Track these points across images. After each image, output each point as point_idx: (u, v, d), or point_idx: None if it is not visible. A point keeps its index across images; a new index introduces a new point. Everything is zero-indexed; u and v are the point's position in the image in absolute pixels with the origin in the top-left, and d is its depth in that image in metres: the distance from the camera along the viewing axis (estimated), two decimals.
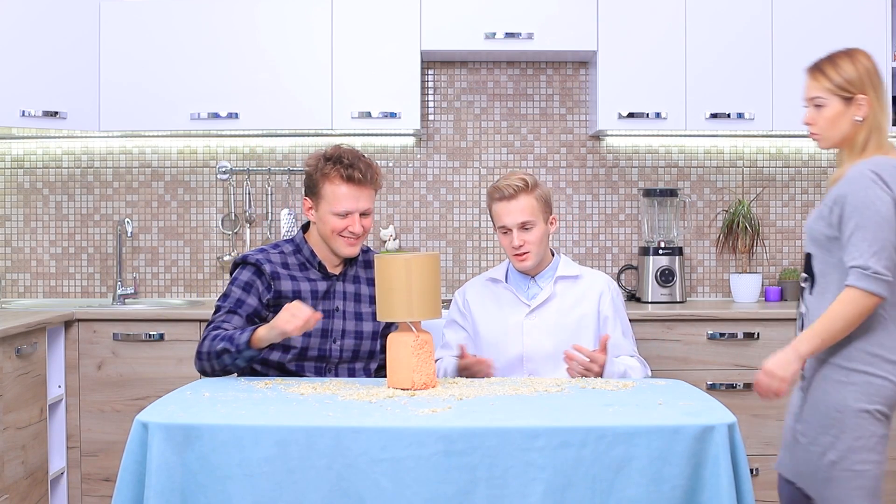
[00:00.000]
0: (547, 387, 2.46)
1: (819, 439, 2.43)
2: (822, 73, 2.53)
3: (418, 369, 2.41)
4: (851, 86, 2.49)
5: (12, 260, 4.35)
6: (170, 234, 4.35)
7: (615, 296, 2.97)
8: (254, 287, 2.77)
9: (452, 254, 4.33)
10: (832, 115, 2.51)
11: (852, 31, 3.95)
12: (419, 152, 4.34)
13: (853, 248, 2.38)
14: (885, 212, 2.37)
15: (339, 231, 2.78)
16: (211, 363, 2.68)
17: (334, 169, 2.75)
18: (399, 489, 2.01)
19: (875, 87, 2.51)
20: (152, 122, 4.04)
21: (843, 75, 2.50)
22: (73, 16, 3.96)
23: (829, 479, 2.41)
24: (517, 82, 4.33)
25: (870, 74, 2.51)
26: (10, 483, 3.32)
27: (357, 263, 2.91)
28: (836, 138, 2.53)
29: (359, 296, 2.88)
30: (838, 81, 2.50)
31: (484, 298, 3.00)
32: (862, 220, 2.38)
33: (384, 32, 4.00)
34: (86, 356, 3.78)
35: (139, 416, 2.11)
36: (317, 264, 2.83)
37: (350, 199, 2.75)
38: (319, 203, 2.78)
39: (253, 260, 2.79)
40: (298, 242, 2.86)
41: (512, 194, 2.86)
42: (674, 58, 3.98)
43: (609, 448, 2.02)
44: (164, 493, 2.04)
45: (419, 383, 2.41)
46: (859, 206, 2.38)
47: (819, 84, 2.53)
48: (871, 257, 2.35)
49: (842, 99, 2.50)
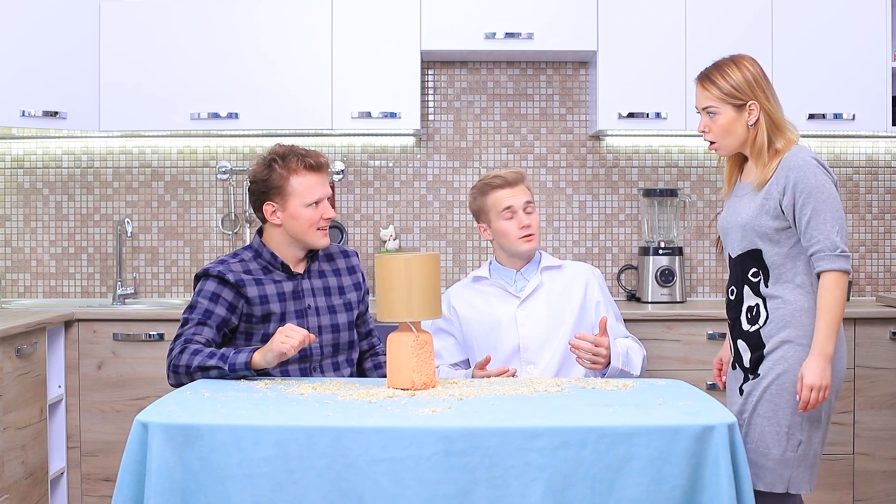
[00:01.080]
0: (547, 387, 2.46)
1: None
2: (710, 82, 2.61)
3: (418, 369, 2.42)
4: (741, 92, 2.57)
5: (12, 260, 4.35)
6: (170, 234, 4.35)
7: (601, 281, 3.09)
8: (221, 297, 2.75)
9: (452, 254, 4.33)
10: (726, 123, 2.59)
11: (852, 31, 3.95)
12: (419, 152, 4.34)
13: (816, 232, 2.47)
14: (834, 194, 2.50)
15: (314, 222, 2.79)
16: (191, 377, 2.63)
17: (297, 161, 2.78)
18: (399, 489, 2.01)
19: (764, 90, 2.59)
20: (152, 122, 4.04)
21: (730, 83, 2.57)
22: (73, 16, 3.96)
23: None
24: (517, 82, 4.33)
25: (756, 79, 2.59)
26: (10, 483, 3.32)
27: (319, 258, 2.92)
28: (733, 145, 2.62)
29: (328, 289, 2.89)
30: (727, 89, 2.57)
31: (470, 299, 3.05)
32: (818, 205, 2.47)
33: (384, 32, 4.00)
34: (86, 356, 3.78)
35: (139, 416, 2.11)
36: (279, 265, 2.83)
37: (318, 186, 2.79)
38: (287, 201, 2.78)
39: (215, 272, 2.76)
40: (257, 247, 2.85)
41: (515, 180, 3.01)
42: (674, 58, 3.98)
43: (609, 448, 2.02)
44: (164, 493, 2.04)
45: (419, 383, 2.41)
46: (813, 192, 2.48)
47: (709, 93, 2.60)
48: (836, 237, 2.46)
49: (734, 106, 2.58)
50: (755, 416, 2.55)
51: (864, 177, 4.33)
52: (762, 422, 2.54)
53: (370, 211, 4.33)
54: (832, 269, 2.45)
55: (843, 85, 3.97)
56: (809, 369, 2.44)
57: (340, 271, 2.94)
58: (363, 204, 4.33)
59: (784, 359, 2.53)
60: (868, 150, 4.32)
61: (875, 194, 4.33)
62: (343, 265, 2.95)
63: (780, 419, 2.52)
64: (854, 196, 4.33)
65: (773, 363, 2.54)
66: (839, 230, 2.47)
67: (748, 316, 2.59)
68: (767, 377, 2.54)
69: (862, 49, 3.96)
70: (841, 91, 3.97)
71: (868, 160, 4.33)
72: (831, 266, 2.45)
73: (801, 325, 2.54)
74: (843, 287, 2.46)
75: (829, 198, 2.48)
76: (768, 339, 2.55)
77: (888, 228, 4.34)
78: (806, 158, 2.52)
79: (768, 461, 2.53)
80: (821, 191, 2.48)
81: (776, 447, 2.52)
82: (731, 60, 2.63)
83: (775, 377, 2.53)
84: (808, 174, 2.49)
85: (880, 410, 3.76)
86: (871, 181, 4.33)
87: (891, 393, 3.76)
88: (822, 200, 2.47)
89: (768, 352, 2.55)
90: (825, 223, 2.46)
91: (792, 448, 2.52)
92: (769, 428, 2.53)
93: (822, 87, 3.97)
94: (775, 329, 2.55)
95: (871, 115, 3.97)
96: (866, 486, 3.77)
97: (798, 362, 2.52)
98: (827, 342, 2.45)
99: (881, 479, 3.78)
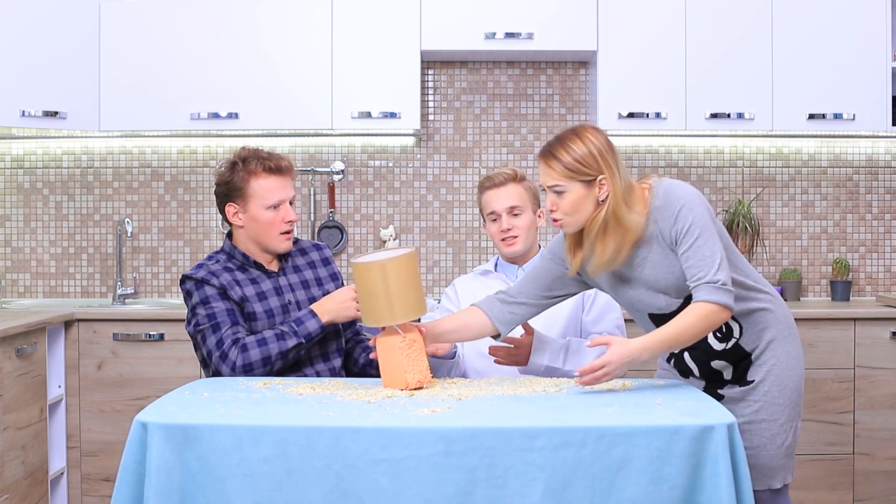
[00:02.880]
0: (545, 387, 2.46)
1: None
2: (555, 159, 2.41)
3: (410, 369, 2.41)
4: (588, 167, 2.39)
5: (12, 260, 4.35)
6: (170, 234, 4.35)
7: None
8: (220, 294, 2.76)
9: (452, 254, 4.33)
10: (576, 200, 2.40)
11: (852, 31, 3.95)
12: (419, 152, 4.34)
13: (696, 269, 2.35)
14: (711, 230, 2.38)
15: (275, 225, 2.80)
16: (271, 367, 2.69)
17: (257, 164, 2.79)
18: (399, 489, 2.01)
19: (611, 161, 2.40)
20: (152, 122, 4.04)
21: (575, 156, 2.39)
22: (73, 16, 3.96)
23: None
24: (517, 82, 4.33)
25: (601, 152, 2.40)
26: (10, 483, 3.32)
27: (292, 253, 2.93)
28: (582, 220, 2.43)
29: (306, 282, 2.90)
30: (573, 165, 2.38)
31: (474, 290, 3.08)
32: (703, 241, 2.35)
33: (384, 32, 4.00)
34: (86, 356, 3.78)
35: (138, 416, 2.11)
36: (252, 263, 2.85)
37: (279, 189, 2.80)
38: (247, 203, 2.80)
39: (199, 276, 2.77)
40: (228, 250, 2.87)
41: (501, 182, 2.97)
42: (674, 58, 3.98)
43: (608, 448, 2.02)
44: (164, 493, 2.04)
45: (413, 382, 2.41)
46: (698, 228, 2.36)
47: (554, 171, 2.41)
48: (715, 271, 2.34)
49: (582, 182, 2.40)
50: (761, 421, 2.51)
51: (864, 177, 4.33)
52: (769, 425, 2.51)
53: (370, 211, 4.33)
54: (710, 300, 2.32)
55: (843, 85, 3.97)
56: (619, 352, 2.30)
57: (315, 263, 2.96)
58: (363, 204, 4.33)
59: (773, 356, 2.50)
60: (868, 150, 4.32)
61: (875, 194, 4.33)
62: (317, 257, 2.98)
63: (780, 415, 2.52)
64: (854, 196, 4.33)
65: (764, 365, 2.51)
66: (720, 262, 2.35)
67: (717, 336, 2.51)
68: (766, 382, 2.50)
69: (862, 49, 3.96)
70: (841, 91, 3.97)
71: (868, 160, 4.33)
72: (708, 297, 2.32)
73: (777, 320, 2.51)
74: (711, 322, 2.34)
75: (708, 229, 2.36)
76: (752, 346, 2.51)
77: (888, 228, 4.34)
78: (684, 193, 2.39)
79: (778, 460, 2.51)
80: (702, 221, 2.36)
81: (780, 444, 2.51)
82: (574, 134, 2.41)
83: (772, 378, 2.50)
84: (690, 211, 2.37)
85: (880, 410, 3.76)
86: (871, 181, 4.33)
87: (891, 393, 3.76)
88: (704, 236, 2.36)
89: (756, 356, 2.51)
90: (708, 258, 2.35)
91: (789, 440, 2.51)
92: (774, 428, 2.52)
93: (822, 87, 3.97)
94: (755, 334, 2.51)
95: (871, 115, 3.98)
96: (866, 486, 3.77)
97: (787, 355, 2.50)
98: (652, 348, 2.33)
99: (881, 479, 3.78)
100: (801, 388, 2.54)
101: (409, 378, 2.40)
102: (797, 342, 2.56)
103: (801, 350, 2.57)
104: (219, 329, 2.72)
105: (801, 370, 2.55)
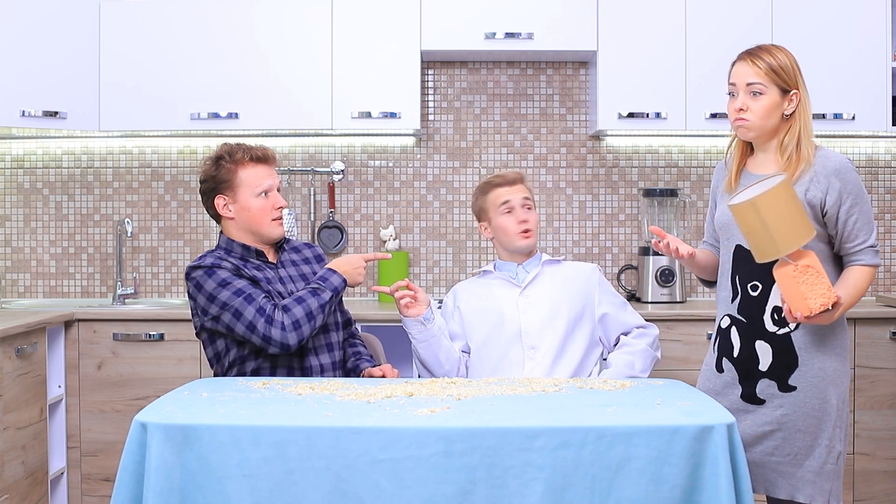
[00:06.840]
0: (545, 387, 2.46)
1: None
2: (760, 59, 2.45)
3: (810, 294, 2.37)
4: (788, 77, 2.46)
5: (12, 260, 4.35)
6: (170, 234, 4.35)
7: (601, 276, 3.12)
8: (235, 273, 2.78)
9: (452, 254, 4.33)
10: (770, 105, 2.46)
11: (852, 31, 3.95)
12: (419, 152, 4.34)
13: (862, 232, 2.47)
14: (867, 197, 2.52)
15: (267, 212, 2.85)
16: (315, 322, 2.75)
17: (243, 154, 2.86)
18: (398, 490, 2.01)
19: (802, 83, 2.49)
20: (152, 122, 4.04)
21: (780, 62, 2.45)
22: (73, 16, 3.96)
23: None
24: (517, 82, 4.33)
25: (798, 69, 2.49)
26: (10, 483, 3.32)
27: (286, 251, 2.98)
28: (767, 129, 2.48)
29: (304, 276, 2.94)
30: (777, 68, 2.44)
31: (475, 290, 3.12)
32: (864, 207, 2.47)
33: (384, 32, 4.00)
34: (86, 356, 3.78)
35: (138, 417, 2.11)
36: (254, 252, 2.88)
37: (267, 177, 2.88)
38: (237, 193, 2.85)
39: (209, 263, 2.79)
40: (225, 245, 2.90)
41: (515, 179, 3.08)
42: (674, 58, 3.98)
43: (608, 448, 2.02)
44: (163, 494, 2.04)
45: (817, 307, 2.37)
46: (860, 196, 2.47)
47: (758, 68, 2.45)
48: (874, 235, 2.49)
49: (780, 90, 2.46)
50: (794, 431, 2.49)
51: (864, 177, 4.32)
52: (801, 436, 2.49)
53: (370, 211, 4.33)
54: (873, 264, 2.47)
55: (843, 85, 3.97)
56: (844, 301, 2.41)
57: (310, 259, 3.01)
58: (363, 204, 4.33)
59: (822, 369, 2.48)
60: (868, 150, 4.32)
61: (875, 194, 4.33)
62: (311, 254, 3.03)
63: (821, 432, 2.48)
64: None
65: (810, 376, 2.48)
66: (873, 229, 2.51)
67: (774, 317, 2.50)
68: (806, 392, 2.48)
69: (862, 49, 3.96)
70: (841, 91, 3.97)
71: (868, 160, 4.33)
72: (872, 261, 2.47)
73: (835, 334, 2.50)
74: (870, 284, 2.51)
75: (867, 200, 2.50)
76: (801, 347, 2.49)
77: (888, 228, 4.34)
78: (845, 163, 2.47)
79: (807, 473, 2.49)
80: (863, 193, 2.49)
81: (815, 459, 2.48)
82: (774, 46, 2.50)
83: (815, 391, 2.48)
84: (853, 178, 2.47)
85: (880, 410, 3.76)
86: (871, 181, 4.33)
87: (891, 393, 3.76)
88: (865, 201, 2.48)
89: (804, 362, 2.49)
90: (869, 223, 2.48)
91: (832, 461, 2.49)
92: (809, 441, 2.49)
93: (822, 87, 3.96)
94: (810, 336, 2.49)
95: (871, 115, 3.97)
96: (866, 486, 3.77)
97: (835, 372, 2.48)
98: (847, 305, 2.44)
99: (881, 479, 3.78)
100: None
101: (812, 304, 2.37)
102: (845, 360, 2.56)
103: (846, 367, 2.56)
104: (252, 299, 2.73)
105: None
